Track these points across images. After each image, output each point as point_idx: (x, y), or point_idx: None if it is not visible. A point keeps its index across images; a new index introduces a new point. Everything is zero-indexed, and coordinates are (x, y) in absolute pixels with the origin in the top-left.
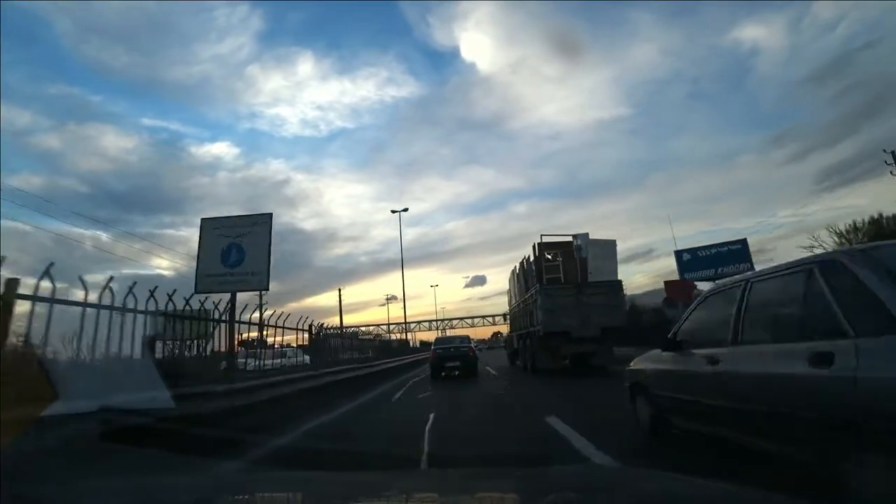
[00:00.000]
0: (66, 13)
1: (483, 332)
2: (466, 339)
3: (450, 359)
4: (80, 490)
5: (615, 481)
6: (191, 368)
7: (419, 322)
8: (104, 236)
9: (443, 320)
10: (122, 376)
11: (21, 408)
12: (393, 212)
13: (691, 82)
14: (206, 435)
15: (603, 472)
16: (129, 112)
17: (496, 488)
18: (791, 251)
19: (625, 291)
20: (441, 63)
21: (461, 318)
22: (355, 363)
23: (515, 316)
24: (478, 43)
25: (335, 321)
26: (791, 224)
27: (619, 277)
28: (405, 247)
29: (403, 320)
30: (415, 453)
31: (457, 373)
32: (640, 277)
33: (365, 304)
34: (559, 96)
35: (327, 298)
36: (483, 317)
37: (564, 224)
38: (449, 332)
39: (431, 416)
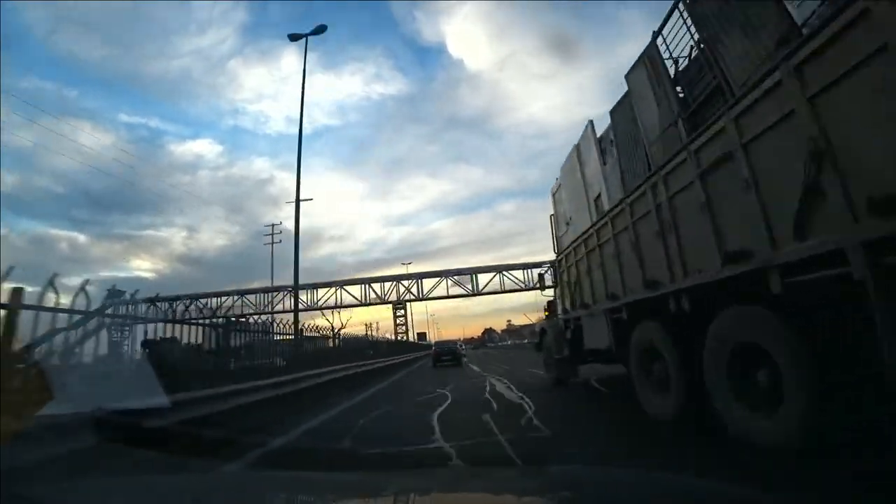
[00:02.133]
0: (36, 2)
1: (474, 330)
2: (456, 341)
3: (445, 354)
4: (79, 490)
5: (615, 481)
6: None
7: (407, 277)
8: (81, 237)
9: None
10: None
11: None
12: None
13: None
14: None
15: (602, 472)
16: (106, 108)
17: (496, 488)
18: None
19: None
20: (428, 59)
21: (469, 272)
22: None
23: (615, 246)
24: (465, 38)
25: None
26: None
27: None
28: (391, 247)
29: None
30: None
31: (447, 364)
32: None
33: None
34: (547, 94)
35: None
36: (506, 269)
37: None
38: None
39: None
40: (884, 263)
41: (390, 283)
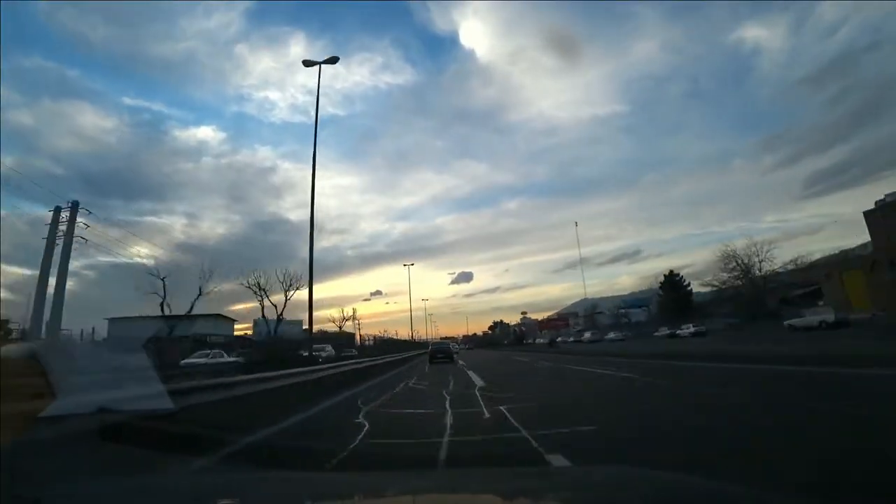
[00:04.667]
0: None
1: (478, 326)
2: (449, 341)
3: (439, 352)
4: (78, 490)
5: (614, 481)
6: None
7: None
8: (79, 221)
9: None
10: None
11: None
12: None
13: (690, 80)
14: None
15: (602, 472)
16: (109, 90)
17: (496, 489)
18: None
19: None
20: (439, 50)
21: None
22: None
23: None
24: (477, 30)
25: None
26: (774, 230)
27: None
28: (392, 240)
29: None
30: None
31: (438, 359)
32: (626, 279)
33: (349, 300)
34: (556, 89)
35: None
36: None
37: (556, 222)
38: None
39: None
40: None
41: None
